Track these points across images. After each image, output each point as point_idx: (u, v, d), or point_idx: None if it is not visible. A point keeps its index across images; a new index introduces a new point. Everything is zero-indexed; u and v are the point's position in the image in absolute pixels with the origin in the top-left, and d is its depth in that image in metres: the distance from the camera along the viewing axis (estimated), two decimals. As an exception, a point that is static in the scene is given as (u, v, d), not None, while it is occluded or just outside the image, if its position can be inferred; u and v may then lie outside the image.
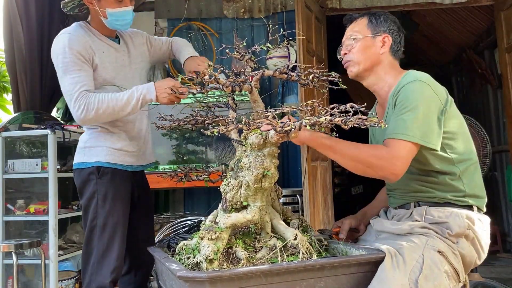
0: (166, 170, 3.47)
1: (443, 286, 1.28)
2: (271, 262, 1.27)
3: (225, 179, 1.42)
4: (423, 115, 1.42)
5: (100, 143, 1.92)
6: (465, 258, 1.42)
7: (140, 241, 2.02)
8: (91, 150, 1.92)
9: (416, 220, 1.48)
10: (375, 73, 1.65)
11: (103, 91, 1.85)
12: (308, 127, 1.16)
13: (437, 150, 1.45)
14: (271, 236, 1.38)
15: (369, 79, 1.66)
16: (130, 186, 2.00)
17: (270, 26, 2.19)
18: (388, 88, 1.62)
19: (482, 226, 1.49)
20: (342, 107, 1.16)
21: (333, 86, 1.43)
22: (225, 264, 1.24)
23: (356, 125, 1.10)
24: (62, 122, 4.02)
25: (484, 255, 1.49)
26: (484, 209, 1.56)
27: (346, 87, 1.41)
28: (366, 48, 1.63)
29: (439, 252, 1.35)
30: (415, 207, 1.54)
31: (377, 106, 1.78)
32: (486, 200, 1.57)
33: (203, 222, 1.46)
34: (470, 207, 1.51)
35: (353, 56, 1.64)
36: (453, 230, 1.42)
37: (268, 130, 1.26)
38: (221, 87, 1.42)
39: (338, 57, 1.72)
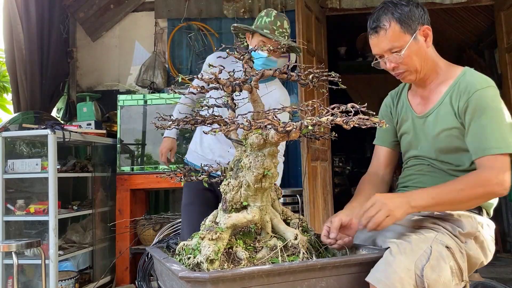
0: (165, 170, 3.47)
1: (448, 280, 1.27)
2: (272, 262, 1.27)
3: (225, 179, 1.42)
4: (507, 124, 1.39)
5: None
6: (470, 259, 1.41)
7: None
8: None
9: (430, 215, 1.45)
10: (426, 66, 1.52)
11: None
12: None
13: None
14: (272, 236, 1.37)
15: (422, 76, 1.54)
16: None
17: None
18: (439, 80, 1.53)
19: (489, 231, 1.48)
20: (342, 107, 1.16)
21: (333, 86, 1.42)
22: (225, 265, 1.23)
23: (357, 125, 1.10)
24: (62, 122, 4.03)
25: (489, 259, 1.48)
26: (491, 214, 1.55)
27: (345, 87, 1.41)
28: (415, 53, 1.47)
29: (447, 247, 1.33)
30: None
31: (409, 93, 1.65)
32: (495, 205, 1.55)
33: (203, 222, 1.46)
34: (479, 210, 1.49)
35: (407, 67, 1.50)
36: (464, 228, 1.40)
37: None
38: (221, 87, 1.41)
39: (377, 67, 1.57)
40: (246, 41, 2.25)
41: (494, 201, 1.55)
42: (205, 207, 2.31)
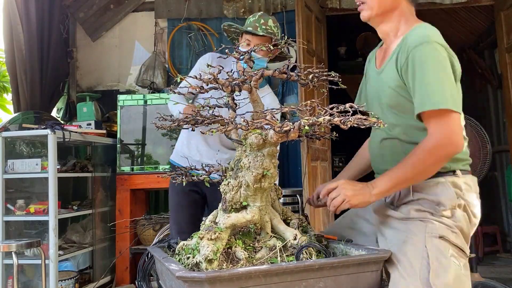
0: (166, 170, 3.47)
1: (454, 272, 1.27)
2: (271, 262, 1.27)
3: (225, 179, 1.42)
4: (446, 78, 1.36)
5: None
6: (463, 230, 1.38)
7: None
8: None
9: (410, 201, 1.44)
10: (389, 20, 1.53)
11: None
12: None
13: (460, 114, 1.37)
14: (271, 236, 1.37)
15: (384, 27, 1.54)
16: (193, 185, 2.17)
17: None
18: (398, 36, 1.51)
19: (469, 189, 1.44)
20: (341, 107, 1.15)
21: (333, 86, 1.42)
22: (224, 264, 1.23)
23: (355, 125, 1.10)
24: (62, 122, 4.03)
25: (476, 219, 1.44)
26: (469, 168, 1.49)
27: (346, 87, 1.41)
28: None
29: (440, 237, 1.32)
30: None
31: (378, 50, 1.65)
32: (470, 160, 1.50)
33: (202, 222, 1.46)
34: (453, 172, 1.44)
35: None
36: (446, 205, 1.38)
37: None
38: (221, 87, 1.42)
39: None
40: (237, 41, 2.25)
41: (467, 159, 1.49)
42: (192, 208, 2.35)
